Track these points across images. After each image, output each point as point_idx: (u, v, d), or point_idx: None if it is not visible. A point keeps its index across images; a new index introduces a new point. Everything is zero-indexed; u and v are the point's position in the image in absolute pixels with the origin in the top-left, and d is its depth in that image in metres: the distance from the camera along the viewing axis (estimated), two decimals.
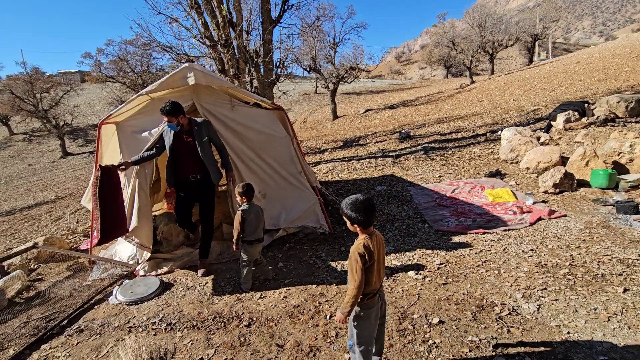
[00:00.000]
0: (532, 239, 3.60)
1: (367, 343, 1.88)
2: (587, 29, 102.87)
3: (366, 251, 1.74)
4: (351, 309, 1.77)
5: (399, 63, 71.09)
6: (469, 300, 2.70)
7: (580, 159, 4.98)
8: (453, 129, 9.96)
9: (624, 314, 2.35)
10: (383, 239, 1.89)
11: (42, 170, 19.96)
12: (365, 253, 1.74)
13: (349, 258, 1.78)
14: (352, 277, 1.74)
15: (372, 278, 1.78)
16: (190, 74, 3.61)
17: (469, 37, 22.62)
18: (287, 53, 9.84)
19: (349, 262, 1.78)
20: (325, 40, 21.35)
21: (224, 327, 2.65)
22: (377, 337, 1.98)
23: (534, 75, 15.97)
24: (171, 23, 8.00)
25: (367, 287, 1.78)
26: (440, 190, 5.47)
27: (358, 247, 1.76)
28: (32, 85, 22.48)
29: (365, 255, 1.73)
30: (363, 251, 1.73)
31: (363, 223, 1.76)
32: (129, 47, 24.53)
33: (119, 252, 4.00)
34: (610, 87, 10.13)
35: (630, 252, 3.10)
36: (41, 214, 9.52)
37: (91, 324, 2.82)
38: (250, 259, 3.16)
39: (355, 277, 1.72)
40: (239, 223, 3.03)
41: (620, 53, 14.24)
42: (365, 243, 1.75)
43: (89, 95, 33.35)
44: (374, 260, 1.75)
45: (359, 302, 1.81)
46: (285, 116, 4.29)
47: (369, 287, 1.79)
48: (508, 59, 48.66)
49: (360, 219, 1.75)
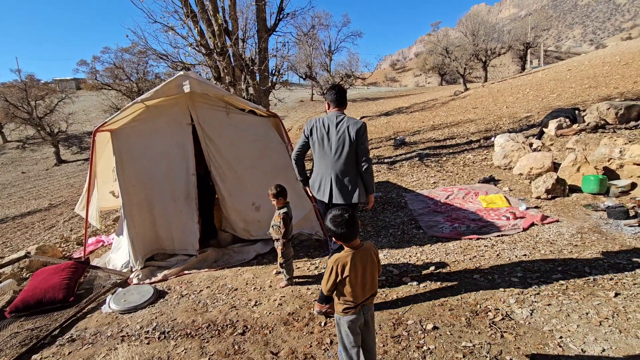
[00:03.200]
0: (525, 244, 3.63)
1: (350, 349, 1.89)
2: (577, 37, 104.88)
3: (339, 269, 1.80)
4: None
5: (394, 70, 71.88)
6: (463, 305, 2.71)
7: (571, 164, 5.06)
8: (447, 136, 10.06)
9: (615, 318, 2.37)
10: (374, 251, 1.91)
11: (35, 178, 19.80)
12: (338, 269, 1.80)
13: (329, 260, 1.87)
14: (324, 279, 1.86)
15: (349, 291, 1.82)
16: (186, 82, 3.64)
17: (462, 45, 23.00)
18: (283, 61, 9.93)
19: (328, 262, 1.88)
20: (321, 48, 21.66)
21: (218, 335, 2.64)
22: (368, 347, 1.98)
23: (527, 82, 16.22)
24: (167, 31, 8.06)
25: (346, 297, 1.82)
26: (434, 196, 5.51)
27: (336, 258, 1.82)
28: (27, 92, 22.42)
29: (337, 269, 1.80)
30: (336, 265, 1.80)
31: (343, 237, 1.80)
32: (125, 54, 24.62)
33: (113, 260, 3.97)
34: (601, 94, 10.31)
35: (621, 256, 3.14)
36: (34, 222, 9.43)
37: (83, 333, 2.78)
38: (290, 256, 3.28)
39: (327, 281, 1.84)
40: (285, 224, 3.14)
41: (610, 61, 14.53)
42: (343, 262, 1.80)
43: (84, 103, 33.26)
44: (351, 276, 1.80)
45: (340, 309, 1.87)
46: (280, 123, 4.32)
47: (347, 297, 1.83)
48: (501, 66, 49.36)
49: (340, 233, 1.78)
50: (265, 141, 4.20)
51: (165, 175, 3.81)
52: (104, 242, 4.84)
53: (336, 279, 1.80)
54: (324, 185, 2.76)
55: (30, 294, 3.14)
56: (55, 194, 14.85)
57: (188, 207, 3.91)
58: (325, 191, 2.75)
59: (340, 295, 1.84)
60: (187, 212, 3.90)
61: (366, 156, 2.70)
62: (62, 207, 11.12)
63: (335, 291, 1.87)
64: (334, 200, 2.73)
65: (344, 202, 2.70)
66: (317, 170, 2.82)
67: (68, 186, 16.30)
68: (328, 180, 2.73)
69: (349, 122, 2.69)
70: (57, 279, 3.26)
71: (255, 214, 4.12)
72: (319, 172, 2.81)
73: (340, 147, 2.68)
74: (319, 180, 2.81)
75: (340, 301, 1.86)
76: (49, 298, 3.10)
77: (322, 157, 2.76)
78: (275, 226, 3.20)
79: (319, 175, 2.80)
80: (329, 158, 2.72)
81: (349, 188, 2.72)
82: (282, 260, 3.24)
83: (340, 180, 2.71)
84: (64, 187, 16.25)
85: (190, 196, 3.90)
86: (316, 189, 2.84)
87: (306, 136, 2.82)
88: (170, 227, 3.86)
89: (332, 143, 2.69)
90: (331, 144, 2.70)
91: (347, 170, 2.72)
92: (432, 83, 49.98)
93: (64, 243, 5.06)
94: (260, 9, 8.03)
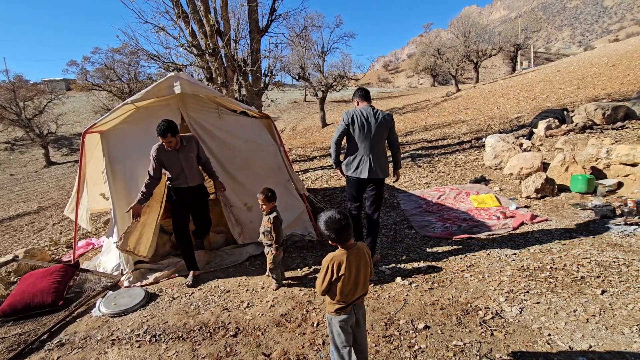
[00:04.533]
0: (515, 243, 3.68)
1: (341, 349, 1.90)
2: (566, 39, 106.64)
3: (335, 267, 1.80)
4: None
5: (387, 71, 72.27)
6: (454, 304, 2.73)
7: (560, 164, 5.14)
8: (439, 136, 10.15)
9: (602, 315, 2.42)
10: (367, 251, 1.92)
11: (24, 180, 19.46)
12: (334, 267, 1.80)
13: (324, 259, 1.87)
14: (319, 279, 1.86)
15: (343, 290, 1.82)
16: (177, 83, 3.61)
17: (454, 47, 23.22)
18: (276, 61, 9.93)
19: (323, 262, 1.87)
20: (314, 49, 21.62)
21: (210, 338, 2.62)
22: (360, 347, 1.99)
23: (517, 83, 16.44)
24: (158, 32, 8.01)
25: (338, 296, 1.82)
26: (426, 196, 5.55)
27: (331, 257, 1.83)
28: (15, 93, 22.03)
29: (332, 268, 1.80)
30: (332, 264, 1.81)
31: (336, 240, 1.81)
32: (116, 55, 24.34)
33: (103, 262, 3.93)
34: (589, 95, 10.50)
35: (608, 254, 3.20)
36: (23, 225, 9.27)
37: (73, 338, 2.75)
38: (279, 260, 3.25)
39: (322, 280, 1.84)
40: (276, 229, 3.13)
41: (598, 62, 14.80)
42: (339, 260, 1.80)
43: (74, 104, 32.82)
44: (345, 275, 1.80)
45: (332, 309, 1.88)
46: (272, 124, 4.32)
47: (340, 297, 1.83)
48: (492, 67, 49.96)
49: (333, 236, 1.80)
50: (258, 142, 4.19)
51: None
52: (94, 244, 4.78)
53: (332, 277, 1.80)
54: (363, 164, 3.32)
55: (18, 298, 3.09)
56: (44, 197, 14.60)
57: None
58: (364, 169, 3.31)
59: (333, 295, 1.85)
60: None
61: (397, 139, 3.48)
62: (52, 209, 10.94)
63: (328, 291, 1.87)
64: (373, 176, 3.32)
65: (382, 177, 3.37)
66: (355, 152, 3.34)
67: (58, 188, 16.04)
68: (367, 160, 3.30)
69: (383, 113, 3.34)
70: (45, 283, 3.21)
71: (248, 214, 4.10)
72: (358, 153, 3.33)
73: (379, 132, 3.28)
74: (357, 160, 3.34)
75: (333, 301, 1.87)
76: (38, 302, 3.06)
77: (362, 140, 3.29)
78: (266, 232, 3.18)
79: (358, 156, 3.33)
80: (368, 141, 3.28)
81: (385, 166, 3.38)
82: (272, 265, 3.21)
83: (378, 159, 3.33)
84: (53, 190, 16.00)
85: None
86: (353, 168, 3.36)
87: (346, 124, 3.30)
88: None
89: (372, 129, 3.27)
90: (372, 129, 3.27)
91: (384, 151, 3.39)
92: (424, 84, 50.37)
93: (53, 246, 4.98)
94: (253, 9, 8.01)
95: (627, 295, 2.59)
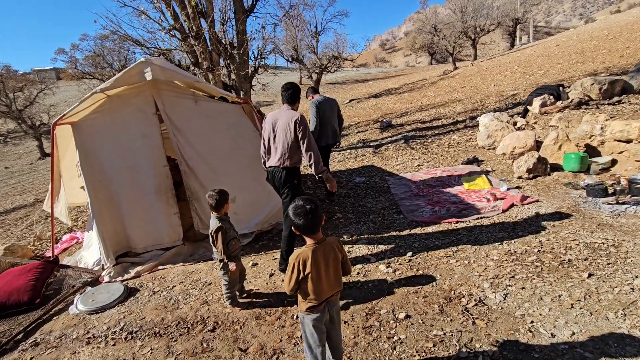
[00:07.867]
0: (503, 226, 3.59)
1: (314, 348, 1.82)
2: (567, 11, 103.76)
3: (300, 265, 1.70)
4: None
5: (384, 51, 70.75)
6: (437, 292, 2.66)
7: (553, 143, 4.99)
8: (434, 117, 9.93)
9: (587, 299, 2.34)
10: (338, 246, 1.81)
11: (19, 173, 19.28)
12: (299, 265, 1.70)
13: (290, 257, 1.76)
14: (286, 277, 1.76)
15: (314, 288, 1.73)
16: (147, 69, 3.44)
17: (451, 23, 22.52)
18: (265, 43, 9.59)
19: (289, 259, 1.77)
20: (307, 30, 21.03)
21: (187, 333, 2.57)
22: (333, 343, 1.92)
23: (515, 59, 16.02)
24: (139, 15, 7.69)
25: (310, 295, 1.73)
26: (417, 179, 5.43)
27: (296, 254, 1.72)
28: (4, 84, 21.53)
29: (298, 266, 1.70)
30: (297, 261, 1.70)
31: (303, 229, 1.69)
32: (105, 42, 23.70)
33: (85, 258, 3.85)
34: (587, 69, 10.20)
35: (597, 235, 3.11)
36: (18, 218, 9.20)
37: (48, 337, 2.69)
38: (235, 278, 2.77)
39: (289, 279, 1.74)
40: (220, 240, 2.61)
41: (598, 35, 14.35)
42: (304, 257, 1.70)
43: (65, 94, 32.20)
44: (312, 273, 1.70)
45: (304, 308, 1.78)
46: (253, 110, 4.15)
47: (311, 295, 1.73)
48: (491, 43, 48.82)
49: (300, 224, 1.68)
50: (238, 129, 4.03)
51: (132, 169, 3.64)
52: (78, 238, 4.70)
53: (298, 276, 1.71)
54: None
55: None
56: (40, 189, 14.45)
57: (160, 202, 3.77)
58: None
59: (304, 293, 1.76)
60: (158, 207, 3.77)
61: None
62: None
63: (298, 290, 1.78)
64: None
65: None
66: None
67: None
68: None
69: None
70: (22, 281, 3.14)
71: (231, 205, 3.99)
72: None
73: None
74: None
75: (304, 300, 1.78)
76: (13, 301, 2.99)
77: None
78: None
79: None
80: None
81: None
82: (226, 283, 2.72)
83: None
84: (49, 182, 15.89)
85: (161, 190, 3.76)
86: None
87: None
88: (141, 224, 3.72)
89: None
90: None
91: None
92: (422, 63, 49.34)
93: (37, 241, 4.91)
94: None
95: (614, 279, 2.51)
